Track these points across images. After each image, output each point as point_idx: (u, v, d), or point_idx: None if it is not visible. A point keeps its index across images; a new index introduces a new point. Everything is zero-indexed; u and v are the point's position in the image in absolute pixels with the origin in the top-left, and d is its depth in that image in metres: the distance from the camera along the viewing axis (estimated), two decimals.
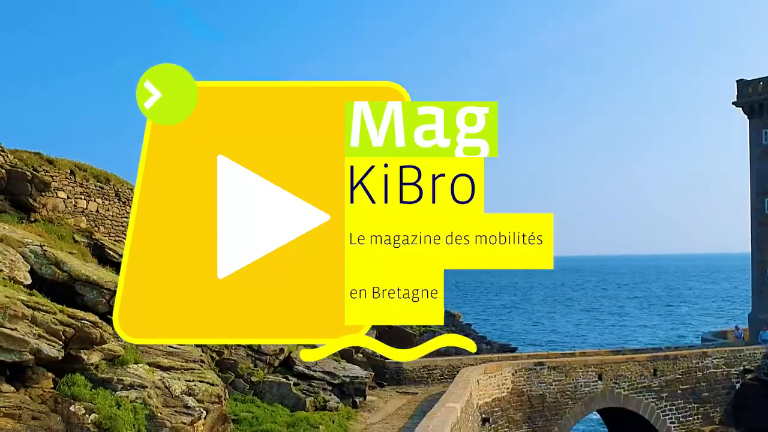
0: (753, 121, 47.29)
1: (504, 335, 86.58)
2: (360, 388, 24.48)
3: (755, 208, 47.06)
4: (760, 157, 46.80)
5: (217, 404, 16.00)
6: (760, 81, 46.83)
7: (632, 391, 34.49)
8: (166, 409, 14.38)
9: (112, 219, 24.68)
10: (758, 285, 46.93)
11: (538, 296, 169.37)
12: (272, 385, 22.24)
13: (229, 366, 22.01)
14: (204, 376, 16.46)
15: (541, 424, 31.78)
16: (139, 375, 14.79)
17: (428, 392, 28.79)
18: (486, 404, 28.64)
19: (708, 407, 36.41)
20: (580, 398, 33.15)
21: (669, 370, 35.62)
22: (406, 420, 22.95)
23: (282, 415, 20.44)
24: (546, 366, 32.68)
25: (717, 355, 37.50)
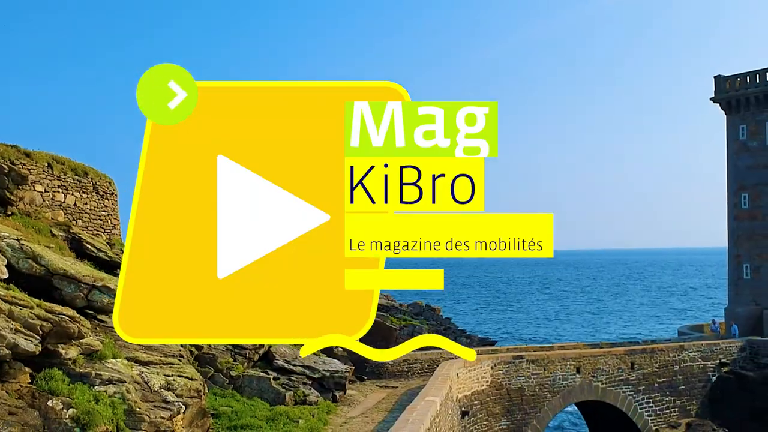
0: (730, 116, 47.76)
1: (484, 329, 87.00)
2: (340, 382, 24.51)
3: (732, 203, 47.56)
4: (737, 152, 47.29)
5: (196, 399, 15.95)
6: (737, 77, 47.28)
7: (610, 384, 34.80)
8: (144, 404, 14.32)
9: (90, 213, 24.49)
10: (734, 279, 47.47)
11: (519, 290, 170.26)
12: (252, 379, 22.21)
13: (209, 360, 21.95)
14: (183, 370, 16.40)
15: (519, 417, 31.99)
16: (118, 370, 14.71)
17: (408, 386, 28.88)
18: (465, 397, 28.78)
19: (684, 400, 36.82)
20: (558, 391, 33.41)
21: (646, 363, 35.96)
22: (385, 413, 23.01)
23: (262, 410, 20.43)
24: (525, 359, 32.89)
25: (693, 349, 37.92)
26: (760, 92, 45.70)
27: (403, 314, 42.43)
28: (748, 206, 46.61)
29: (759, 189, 45.98)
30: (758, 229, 46.00)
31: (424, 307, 47.36)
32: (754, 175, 46.25)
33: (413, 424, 16.64)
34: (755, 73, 46.52)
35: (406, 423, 16.75)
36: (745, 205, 46.79)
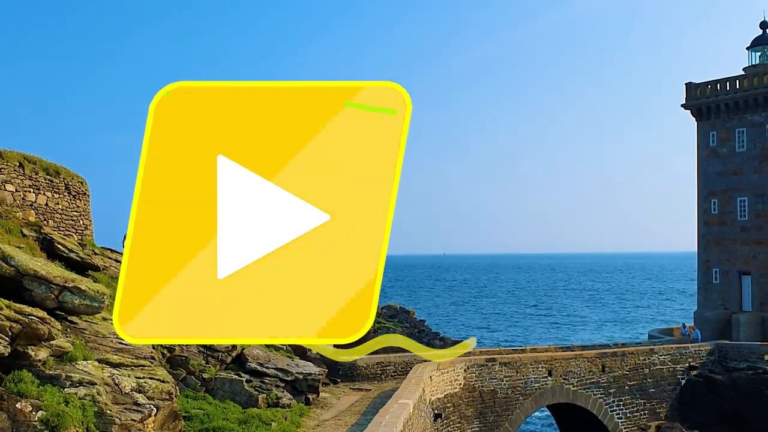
0: (701, 123, 48.44)
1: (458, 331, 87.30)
2: (313, 384, 24.49)
3: (702, 208, 48.24)
4: (707, 158, 47.98)
5: (168, 401, 15.88)
6: (708, 85, 47.97)
7: (581, 386, 35.11)
8: (115, 406, 14.23)
9: (62, 213, 24.26)
10: (704, 283, 48.13)
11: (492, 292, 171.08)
12: (224, 381, 22.13)
13: (181, 362, 21.84)
14: (154, 372, 16.32)
15: (492, 420, 32.17)
16: (88, 371, 14.60)
17: (382, 388, 28.92)
18: (438, 400, 28.89)
19: (654, 403, 37.26)
20: (530, 394, 33.64)
21: (617, 366, 36.34)
22: (358, 416, 23.04)
23: (234, 412, 20.36)
24: (497, 362, 33.09)
25: (663, 352, 38.38)
26: (730, 100, 46.40)
27: (377, 317, 42.48)
28: (717, 212, 47.30)
29: (728, 195, 46.67)
30: (727, 235, 46.69)
31: (399, 309, 47.43)
32: (724, 181, 46.95)
33: (386, 426, 16.69)
34: (725, 81, 47.23)
35: (379, 426, 16.79)
36: (714, 210, 47.47)
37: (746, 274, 45.81)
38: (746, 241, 45.76)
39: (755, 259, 45.27)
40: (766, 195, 44.93)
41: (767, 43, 48.29)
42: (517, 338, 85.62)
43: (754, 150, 45.58)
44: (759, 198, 45.24)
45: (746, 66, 48.58)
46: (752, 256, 45.42)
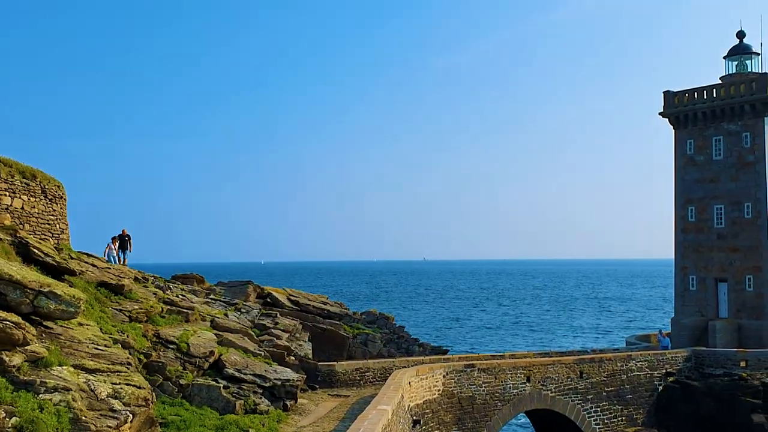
0: (678, 131, 48.92)
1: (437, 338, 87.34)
2: (291, 390, 24.36)
3: (679, 215, 48.67)
4: (685, 166, 48.43)
5: (144, 407, 15.72)
6: (686, 93, 48.45)
7: (559, 392, 35.24)
8: (90, 413, 14.06)
9: (38, 217, 24.01)
10: (681, 290, 48.53)
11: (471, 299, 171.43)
12: (201, 387, 21.95)
13: (157, 368, 21.64)
14: (131, 378, 16.15)
15: (470, 426, 32.19)
16: (63, 377, 14.43)
17: (360, 394, 28.85)
18: (417, 406, 28.86)
19: (631, 409, 37.46)
20: (508, 400, 33.72)
21: (594, 372, 36.53)
22: (336, 423, 22.95)
23: (211, 419, 20.20)
24: (476, 368, 33.13)
25: (640, 359, 38.62)
26: (707, 108, 46.90)
27: (357, 323, 42.39)
28: (694, 219, 47.74)
29: (705, 202, 47.14)
30: (704, 242, 47.13)
31: (378, 315, 47.35)
32: (701, 189, 47.42)
33: None
34: (703, 90, 47.74)
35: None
36: (691, 217, 47.91)
37: (722, 281, 46.25)
38: (722, 249, 46.21)
39: (731, 267, 45.73)
40: (742, 203, 45.43)
41: (744, 52, 48.88)
42: (496, 344, 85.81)
43: (731, 158, 46.08)
44: (735, 206, 45.72)
45: (723, 75, 49.14)
46: (728, 264, 45.88)
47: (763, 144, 44.83)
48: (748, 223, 45.17)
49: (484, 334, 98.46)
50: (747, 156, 45.46)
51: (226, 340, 25.43)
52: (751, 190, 45.10)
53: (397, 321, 52.86)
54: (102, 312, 21.50)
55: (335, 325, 38.82)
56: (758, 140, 45.01)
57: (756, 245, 44.73)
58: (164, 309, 25.26)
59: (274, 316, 33.66)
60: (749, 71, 48.28)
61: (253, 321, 31.82)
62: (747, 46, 49.10)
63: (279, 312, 35.53)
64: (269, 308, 36.47)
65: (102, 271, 24.57)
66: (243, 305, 33.51)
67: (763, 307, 44.17)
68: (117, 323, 21.54)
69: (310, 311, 39.45)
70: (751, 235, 44.97)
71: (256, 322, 31.91)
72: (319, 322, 38.28)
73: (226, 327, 27.10)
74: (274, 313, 34.33)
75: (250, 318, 31.91)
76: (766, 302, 44.11)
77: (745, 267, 45.11)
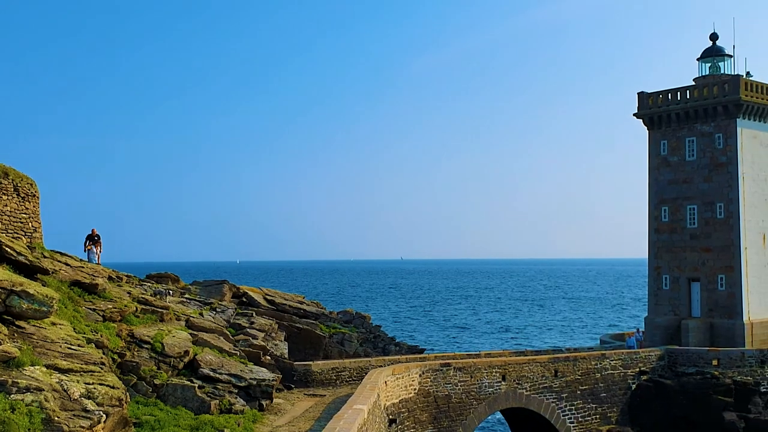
0: (652, 132, 49.39)
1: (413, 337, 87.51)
2: (267, 390, 24.28)
3: (653, 216, 49.15)
4: (658, 167, 48.91)
5: (118, 407, 15.58)
6: (660, 94, 48.93)
7: (534, 391, 35.45)
8: (63, 413, 13.92)
9: (10, 215, 23.71)
10: (654, 290, 49.02)
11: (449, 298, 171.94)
12: (176, 387, 21.82)
13: (131, 368, 21.48)
14: (104, 378, 16.00)
15: (446, 425, 32.29)
16: (36, 377, 14.26)
17: (336, 394, 28.82)
18: (393, 405, 28.90)
19: (606, 407, 37.79)
20: (484, 398, 33.87)
21: (569, 371, 36.79)
22: (312, 422, 22.92)
23: (186, 418, 20.08)
24: (452, 367, 33.24)
25: (615, 357, 38.97)
26: (681, 109, 47.40)
27: (333, 322, 42.33)
28: (668, 219, 48.23)
29: (678, 203, 47.64)
30: (677, 242, 47.63)
31: (354, 314, 47.33)
32: (674, 190, 47.91)
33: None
34: (676, 91, 48.24)
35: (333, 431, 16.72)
36: (665, 218, 48.39)
37: (695, 280, 46.78)
38: (695, 249, 46.74)
39: (704, 266, 46.26)
40: (714, 203, 45.98)
41: (717, 54, 49.46)
42: (472, 343, 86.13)
43: (704, 159, 46.62)
44: (708, 206, 46.26)
45: (696, 77, 49.69)
46: (701, 263, 46.41)
47: (735, 145, 45.41)
48: (720, 224, 45.72)
49: (459, 333, 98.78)
50: (720, 157, 46.01)
51: (201, 339, 25.30)
52: (724, 190, 45.66)
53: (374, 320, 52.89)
54: (75, 311, 21.29)
55: (311, 325, 38.75)
56: (731, 141, 45.58)
57: (728, 245, 45.30)
58: (138, 308, 25.06)
59: (249, 316, 33.54)
60: (722, 73, 48.87)
61: (229, 320, 31.68)
62: (720, 48, 49.69)
63: (255, 311, 35.41)
64: (245, 308, 36.33)
65: (75, 270, 24.33)
66: (218, 305, 33.34)
67: (734, 307, 44.75)
68: (90, 323, 21.34)
69: (286, 311, 39.35)
70: (723, 236, 45.53)
71: (231, 321, 31.77)
72: (296, 322, 38.20)
73: (201, 326, 26.95)
74: (250, 313, 34.21)
75: (225, 317, 31.77)
76: (737, 302, 44.69)
77: (717, 267, 45.66)
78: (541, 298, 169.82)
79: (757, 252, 45.90)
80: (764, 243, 46.45)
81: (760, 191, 46.57)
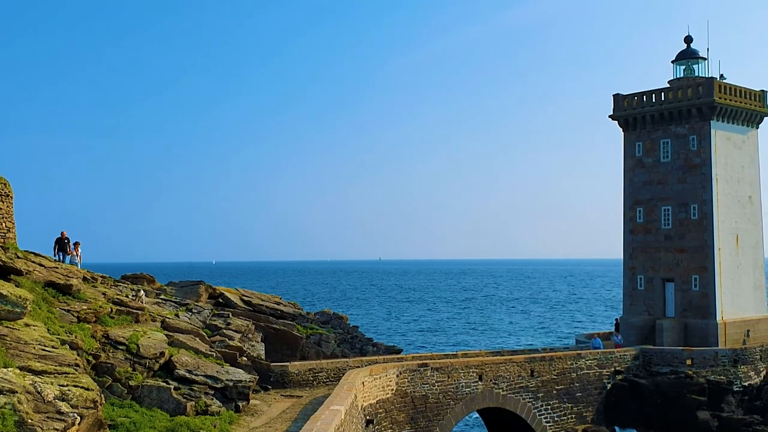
0: (627, 134, 49.83)
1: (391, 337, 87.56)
2: (243, 391, 24.18)
3: (628, 216, 49.58)
4: (633, 168, 49.36)
5: (93, 409, 15.45)
6: (635, 96, 49.38)
7: (510, 391, 35.63)
8: (37, 415, 13.78)
9: None
10: (629, 290, 49.45)
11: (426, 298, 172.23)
12: (151, 389, 21.66)
13: (106, 370, 21.30)
14: (79, 380, 15.87)
15: (423, 425, 32.35)
16: (9, 379, 14.11)
17: (313, 395, 28.76)
18: (371, 406, 28.90)
19: (581, 407, 38.06)
20: (461, 398, 33.97)
21: (545, 370, 37.01)
22: (289, 423, 22.86)
23: (161, 420, 19.95)
24: (429, 367, 33.31)
25: (590, 357, 39.26)
26: (656, 111, 47.86)
27: (310, 323, 42.26)
28: (642, 220, 48.68)
29: (653, 204, 48.10)
30: (652, 243, 48.09)
31: (332, 315, 47.29)
32: (649, 191, 48.37)
33: None
34: (651, 93, 48.70)
35: None
36: (640, 219, 48.84)
37: (669, 281, 47.26)
38: (669, 249, 47.21)
39: (678, 267, 46.74)
40: (689, 204, 46.47)
41: (691, 57, 50.01)
42: (450, 343, 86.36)
43: (678, 160, 47.10)
44: (682, 207, 46.76)
45: (671, 79, 50.20)
46: (675, 264, 46.89)
47: (709, 147, 45.93)
48: (694, 225, 46.23)
49: (437, 334, 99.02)
50: (694, 158, 46.52)
51: (177, 340, 25.14)
52: (698, 191, 46.18)
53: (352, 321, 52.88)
54: (49, 312, 21.08)
55: (288, 326, 38.65)
56: (705, 143, 46.09)
57: (702, 246, 45.81)
58: (113, 309, 24.86)
59: (226, 317, 33.38)
60: (696, 75, 49.42)
61: (205, 321, 31.51)
62: (694, 50, 50.23)
63: (231, 312, 35.24)
64: (221, 308, 36.15)
65: (50, 270, 24.08)
66: (194, 305, 33.15)
67: (708, 307, 45.26)
68: (65, 324, 21.14)
69: (263, 311, 39.21)
70: (697, 236, 46.04)
71: (207, 322, 31.60)
72: (272, 323, 38.07)
73: (176, 328, 26.78)
74: (227, 314, 34.04)
75: (201, 318, 31.59)
76: (711, 302, 45.21)
77: (691, 267, 46.15)
78: (518, 298, 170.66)
79: (731, 253, 46.47)
80: (737, 244, 47.04)
81: (734, 192, 47.16)
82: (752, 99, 48.45)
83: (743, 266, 47.33)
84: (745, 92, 47.98)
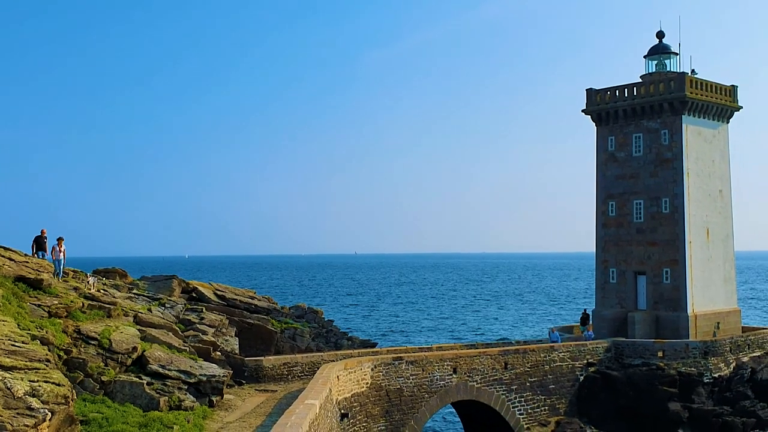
0: (600, 128, 50.19)
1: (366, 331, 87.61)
2: (217, 386, 24.05)
3: (600, 210, 49.97)
4: (606, 162, 49.73)
5: (64, 405, 15.27)
6: (608, 90, 49.72)
7: (484, 384, 35.80)
8: (7, 411, 13.59)
9: None
10: (601, 283, 49.88)
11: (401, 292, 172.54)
12: (124, 384, 21.48)
13: (78, 365, 21.07)
14: (49, 375, 15.67)
15: (398, 418, 32.41)
16: None
17: (288, 389, 28.69)
18: (345, 399, 28.88)
19: (554, 399, 38.36)
20: (435, 392, 34.08)
21: (519, 363, 37.24)
22: (264, 418, 22.78)
23: (134, 416, 19.79)
24: (404, 360, 33.36)
25: (563, 350, 39.56)
26: (628, 106, 48.24)
27: (285, 317, 42.13)
28: (615, 214, 49.09)
29: (625, 198, 48.51)
30: (624, 236, 48.52)
31: (307, 309, 47.18)
32: (621, 185, 48.78)
33: (291, 428, 16.55)
34: (624, 88, 49.07)
35: (284, 427, 16.64)
36: (612, 212, 49.25)
37: (641, 274, 47.73)
38: (641, 243, 47.67)
39: (649, 260, 47.23)
40: (660, 198, 46.94)
41: (663, 52, 50.45)
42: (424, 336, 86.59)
43: (650, 155, 47.54)
44: (654, 201, 47.22)
45: (644, 74, 50.61)
46: (647, 257, 47.37)
47: (680, 141, 46.41)
48: (665, 218, 46.71)
49: (412, 327, 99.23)
50: (665, 153, 46.97)
51: (150, 335, 24.93)
52: (669, 186, 46.65)
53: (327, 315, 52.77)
54: (20, 307, 20.80)
55: (263, 320, 38.50)
56: (676, 138, 46.56)
57: (673, 239, 46.31)
58: (85, 304, 24.59)
59: (199, 311, 33.16)
60: (668, 70, 49.87)
61: (178, 316, 31.27)
62: (666, 46, 50.67)
63: (205, 307, 35.03)
64: (195, 303, 35.91)
65: (20, 265, 23.76)
66: (167, 300, 32.89)
67: (679, 299, 45.79)
68: (35, 319, 20.87)
69: (237, 306, 39.02)
70: (668, 230, 46.53)
71: (180, 317, 31.37)
72: (247, 317, 37.90)
73: (149, 322, 26.55)
74: (200, 308, 33.83)
75: (174, 313, 31.35)
76: (682, 294, 45.74)
77: (662, 260, 46.65)
78: (492, 291, 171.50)
79: (701, 246, 47.03)
80: (708, 237, 47.61)
81: (704, 186, 47.72)
82: (723, 94, 49.01)
83: (714, 259, 47.94)
84: (716, 87, 48.52)
